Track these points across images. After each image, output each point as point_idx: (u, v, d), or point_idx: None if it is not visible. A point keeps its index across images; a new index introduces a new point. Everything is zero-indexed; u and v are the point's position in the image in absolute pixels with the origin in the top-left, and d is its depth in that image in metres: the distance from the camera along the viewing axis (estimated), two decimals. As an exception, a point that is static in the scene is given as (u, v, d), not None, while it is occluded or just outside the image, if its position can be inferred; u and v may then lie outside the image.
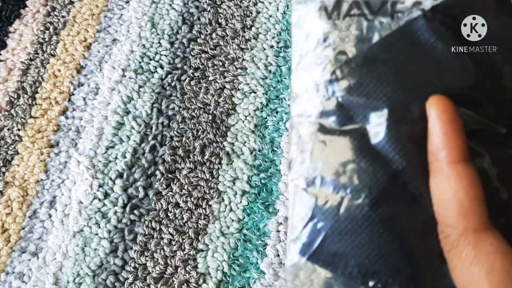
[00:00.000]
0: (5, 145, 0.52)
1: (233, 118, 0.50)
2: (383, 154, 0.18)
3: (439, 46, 0.19)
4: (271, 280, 0.42)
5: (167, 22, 0.56)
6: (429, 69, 0.19)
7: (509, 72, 0.19)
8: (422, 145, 0.18)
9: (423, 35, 0.19)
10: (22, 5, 0.60)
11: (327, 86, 0.20)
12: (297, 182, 0.20)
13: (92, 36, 0.57)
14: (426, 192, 0.18)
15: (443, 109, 0.18)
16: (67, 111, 0.53)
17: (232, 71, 0.52)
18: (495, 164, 0.18)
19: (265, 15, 0.55)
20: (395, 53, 0.19)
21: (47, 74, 0.55)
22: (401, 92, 0.18)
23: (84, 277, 0.44)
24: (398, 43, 0.19)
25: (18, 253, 0.46)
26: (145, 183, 0.47)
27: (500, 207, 0.18)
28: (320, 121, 0.20)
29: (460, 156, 0.17)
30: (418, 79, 0.19)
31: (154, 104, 0.52)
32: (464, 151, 0.17)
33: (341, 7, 0.20)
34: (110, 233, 0.45)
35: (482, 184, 0.17)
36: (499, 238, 0.17)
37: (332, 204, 0.19)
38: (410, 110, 0.18)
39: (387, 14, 0.19)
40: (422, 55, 0.19)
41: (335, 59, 0.20)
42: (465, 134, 0.18)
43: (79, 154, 0.50)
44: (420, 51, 0.19)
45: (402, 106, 0.18)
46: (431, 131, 0.18)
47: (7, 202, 0.48)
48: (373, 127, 0.19)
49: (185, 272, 0.43)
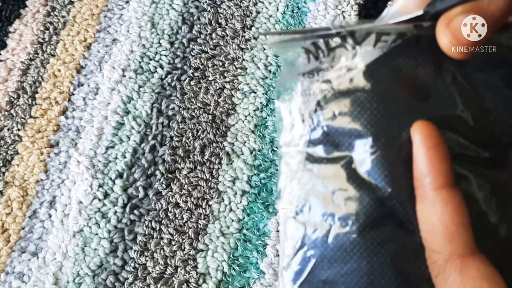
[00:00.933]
0: (5, 145, 0.52)
1: (233, 118, 0.50)
2: (369, 181, 0.19)
3: (422, 72, 0.19)
4: (271, 280, 0.42)
5: (167, 22, 0.56)
6: (412, 95, 0.19)
7: (492, 95, 0.19)
8: (408, 171, 0.18)
9: (405, 62, 0.19)
10: (22, 5, 0.60)
11: (312, 115, 0.20)
12: (287, 211, 0.21)
13: (92, 36, 0.57)
14: (413, 217, 0.18)
15: (427, 134, 0.18)
16: (67, 111, 0.53)
17: (232, 71, 0.52)
18: (481, 188, 0.18)
19: (265, 15, 0.55)
20: (378, 80, 0.19)
21: (47, 74, 0.55)
22: (385, 119, 0.19)
23: (84, 277, 0.44)
24: (381, 70, 0.19)
25: (18, 253, 0.46)
26: (145, 183, 0.47)
27: (487, 231, 0.18)
28: (307, 150, 0.20)
29: (445, 181, 0.17)
30: (402, 106, 0.19)
31: (154, 104, 0.52)
32: (449, 176, 0.17)
33: (327, 41, 0.20)
34: (110, 233, 0.45)
35: (469, 208, 0.17)
36: (485, 263, 0.17)
37: (321, 232, 0.19)
38: (395, 136, 0.18)
39: (371, 44, 0.19)
40: (405, 81, 0.19)
41: (319, 89, 0.20)
42: (450, 158, 0.18)
43: (79, 154, 0.50)
44: (403, 77, 0.19)
45: (386, 133, 0.19)
46: (415, 157, 0.18)
47: (7, 202, 0.48)
48: (358, 154, 0.19)
49: (185, 272, 0.43)
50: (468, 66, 0.19)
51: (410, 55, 0.19)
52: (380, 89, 0.19)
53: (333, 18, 0.54)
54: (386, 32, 0.19)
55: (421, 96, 0.19)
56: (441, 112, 0.19)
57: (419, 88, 0.19)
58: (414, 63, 0.19)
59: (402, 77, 0.19)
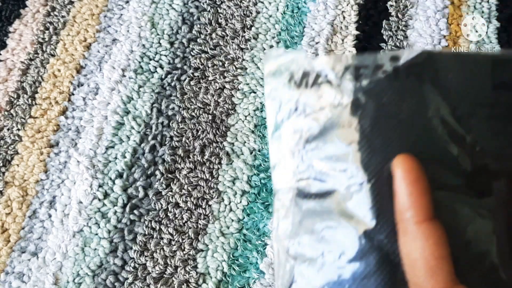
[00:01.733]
0: (5, 145, 0.52)
1: (233, 118, 0.50)
2: (355, 215, 0.19)
3: (405, 106, 0.19)
4: (271, 280, 0.42)
5: (167, 22, 0.56)
6: (395, 129, 0.19)
7: (477, 125, 0.19)
8: (392, 204, 0.19)
9: (387, 96, 0.19)
10: (22, 5, 0.60)
11: (301, 151, 0.21)
12: (279, 246, 0.21)
13: (92, 36, 0.57)
14: (398, 250, 0.19)
15: (408, 169, 0.18)
16: (67, 111, 0.53)
17: (232, 71, 0.52)
18: (467, 218, 0.19)
19: (265, 15, 0.55)
20: (362, 115, 0.19)
21: (47, 74, 0.55)
22: (370, 153, 0.19)
23: (83, 277, 0.44)
24: (364, 106, 0.19)
25: (18, 253, 0.46)
26: (145, 183, 0.47)
27: (470, 262, 0.18)
28: (298, 186, 0.21)
29: (425, 215, 0.18)
30: (386, 140, 0.19)
31: (154, 104, 0.52)
32: (430, 210, 0.18)
33: (308, 76, 0.21)
34: (110, 233, 0.45)
35: (453, 240, 0.18)
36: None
37: (312, 267, 0.20)
38: (379, 170, 0.19)
39: (352, 79, 0.20)
40: (389, 115, 0.19)
41: (307, 125, 0.21)
42: (434, 190, 0.18)
43: (79, 154, 0.50)
44: (387, 112, 0.19)
45: (371, 167, 0.19)
46: (396, 191, 0.18)
47: (7, 202, 0.48)
48: (345, 189, 0.19)
49: (184, 272, 0.43)
50: (452, 96, 0.19)
51: (393, 89, 0.19)
52: (364, 124, 0.19)
53: (333, 18, 0.54)
54: (364, 65, 0.20)
55: (405, 129, 0.19)
56: (424, 145, 0.19)
57: (402, 121, 0.19)
58: (396, 97, 0.19)
59: (386, 111, 0.19)
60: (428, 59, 0.19)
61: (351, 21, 0.54)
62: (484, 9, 0.53)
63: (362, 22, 0.54)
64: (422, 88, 0.19)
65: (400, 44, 0.52)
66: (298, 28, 0.54)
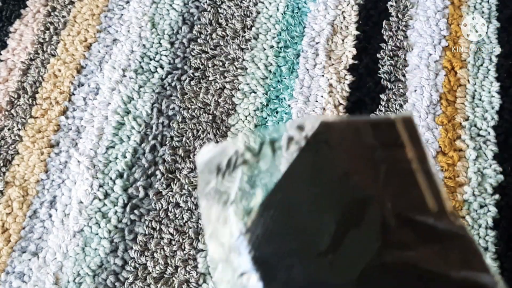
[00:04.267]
0: (5, 145, 0.52)
1: (233, 118, 0.50)
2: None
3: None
4: (271, 280, 0.42)
5: (167, 22, 0.56)
6: (323, 203, 0.20)
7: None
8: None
9: (306, 174, 0.20)
10: (23, 5, 0.60)
11: (239, 240, 0.20)
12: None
13: (92, 36, 0.57)
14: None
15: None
16: (68, 111, 0.53)
17: (232, 71, 0.52)
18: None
19: (265, 15, 0.55)
20: (284, 199, 0.20)
21: (48, 74, 0.55)
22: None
23: (84, 277, 0.44)
24: (286, 188, 0.20)
25: (19, 253, 0.46)
26: (145, 183, 0.47)
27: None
28: (240, 281, 0.20)
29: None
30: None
31: (154, 104, 0.52)
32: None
33: (230, 162, 0.21)
34: (110, 233, 0.45)
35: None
36: None
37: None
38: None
39: (268, 154, 0.20)
40: (309, 194, 0.20)
41: (240, 213, 0.20)
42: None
43: (79, 154, 0.50)
44: (306, 190, 0.20)
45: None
46: None
47: (8, 202, 0.48)
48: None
49: (185, 272, 0.43)
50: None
51: (308, 165, 0.20)
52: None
53: (333, 18, 0.54)
54: (276, 138, 0.20)
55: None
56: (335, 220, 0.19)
57: (324, 192, 0.20)
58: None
59: (305, 189, 0.20)
60: (332, 127, 0.21)
61: (351, 21, 0.54)
62: (484, 9, 0.53)
63: (362, 22, 0.54)
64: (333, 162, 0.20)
65: (400, 44, 0.52)
66: (298, 28, 0.54)
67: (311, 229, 0.19)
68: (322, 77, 0.51)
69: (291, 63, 0.52)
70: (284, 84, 0.51)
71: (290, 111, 0.49)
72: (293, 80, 0.51)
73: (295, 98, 0.50)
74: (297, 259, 0.19)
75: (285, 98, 0.50)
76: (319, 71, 0.51)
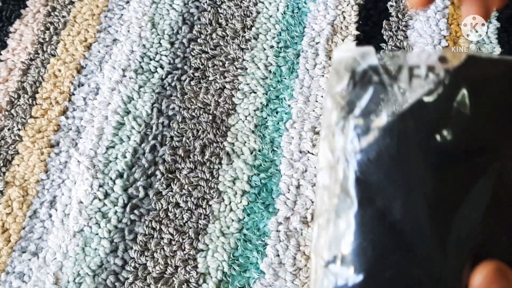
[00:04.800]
0: (5, 145, 0.52)
1: (233, 118, 0.50)
2: (399, 230, 0.18)
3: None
4: (271, 280, 0.42)
5: (167, 22, 0.56)
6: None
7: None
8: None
9: (436, 112, 0.19)
10: (23, 5, 0.60)
11: (350, 155, 0.20)
12: (318, 259, 0.20)
13: (92, 36, 0.57)
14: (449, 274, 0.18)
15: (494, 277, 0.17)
16: (68, 111, 0.53)
17: (232, 71, 0.52)
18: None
19: (265, 15, 0.55)
20: (407, 131, 0.19)
21: (48, 74, 0.55)
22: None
23: (84, 277, 0.44)
24: (409, 121, 0.19)
25: (19, 253, 0.46)
26: (145, 183, 0.47)
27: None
28: (340, 195, 0.20)
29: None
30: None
31: (154, 104, 0.52)
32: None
33: (365, 74, 0.20)
34: (110, 233, 0.45)
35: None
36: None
37: (353, 284, 0.19)
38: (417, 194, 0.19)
39: (405, 80, 0.19)
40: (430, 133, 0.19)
41: (360, 130, 0.20)
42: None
43: (79, 154, 0.50)
44: (429, 129, 0.19)
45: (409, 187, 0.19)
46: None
47: (8, 202, 0.48)
48: (385, 205, 0.19)
49: (185, 272, 0.43)
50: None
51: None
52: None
53: (333, 19, 0.54)
54: (417, 65, 0.19)
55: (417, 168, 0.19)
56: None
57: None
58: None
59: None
60: (472, 62, 0.19)
61: (351, 21, 0.54)
62: (484, 9, 0.53)
63: (362, 22, 0.54)
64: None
65: (400, 44, 0.52)
66: (298, 28, 0.54)
67: (419, 170, 0.19)
68: (322, 77, 0.51)
69: (291, 63, 0.52)
70: (284, 84, 0.51)
71: (290, 111, 0.49)
72: (293, 80, 0.51)
73: (295, 98, 0.50)
74: (401, 194, 0.19)
75: (285, 98, 0.50)
76: (319, 71, 0.51)
